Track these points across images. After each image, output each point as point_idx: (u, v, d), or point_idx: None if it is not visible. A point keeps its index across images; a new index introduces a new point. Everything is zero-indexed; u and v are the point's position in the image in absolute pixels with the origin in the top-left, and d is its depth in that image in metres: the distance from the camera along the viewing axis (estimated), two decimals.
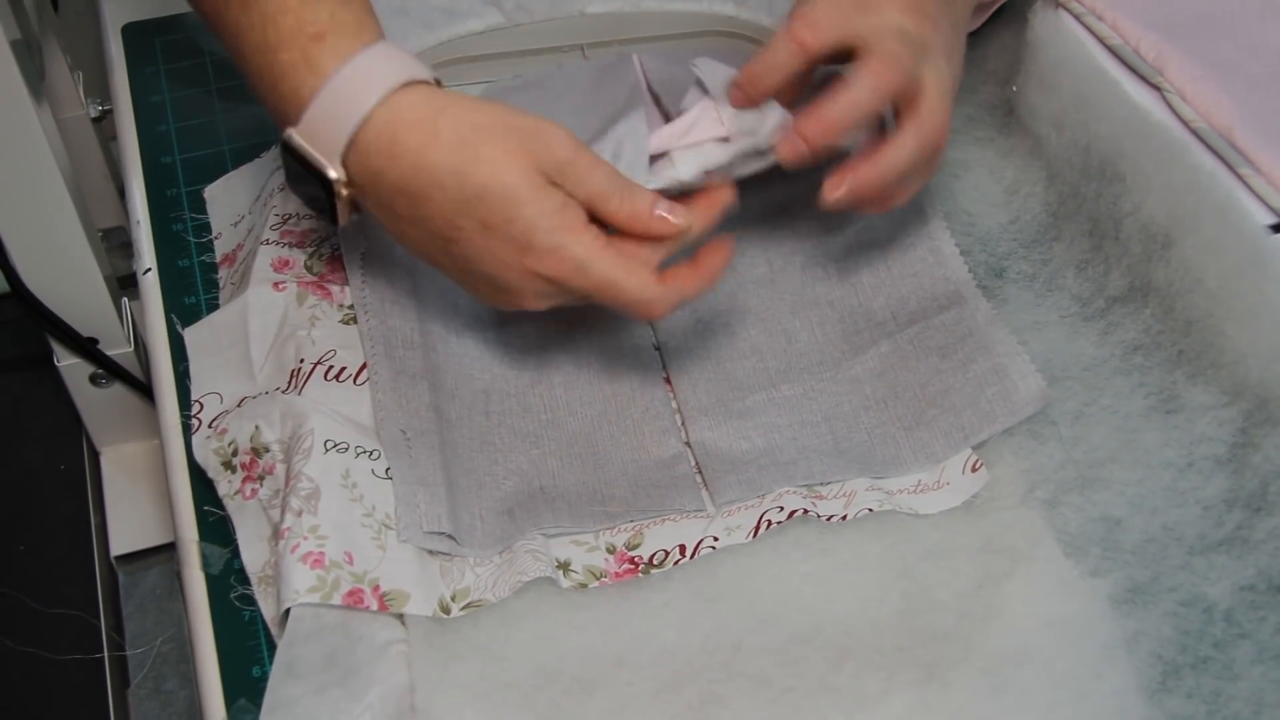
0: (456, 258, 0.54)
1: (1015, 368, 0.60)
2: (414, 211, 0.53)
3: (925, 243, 0.66)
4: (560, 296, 0.55)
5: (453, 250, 0.54)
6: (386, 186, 0.53)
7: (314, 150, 0.53)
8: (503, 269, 0.53)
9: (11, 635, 0.89)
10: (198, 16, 0.57)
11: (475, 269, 0.54)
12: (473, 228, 0.52)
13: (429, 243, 0.54)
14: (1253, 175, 0.60)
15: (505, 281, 0.54)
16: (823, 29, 0.56)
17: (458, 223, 0.52)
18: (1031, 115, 0.69)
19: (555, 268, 0.53)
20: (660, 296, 0.54)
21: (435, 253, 0.55)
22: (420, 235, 0.54)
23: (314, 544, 0.52)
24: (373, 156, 0.52)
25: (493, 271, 0.53)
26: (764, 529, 0.56)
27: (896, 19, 0.56)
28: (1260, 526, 0.54)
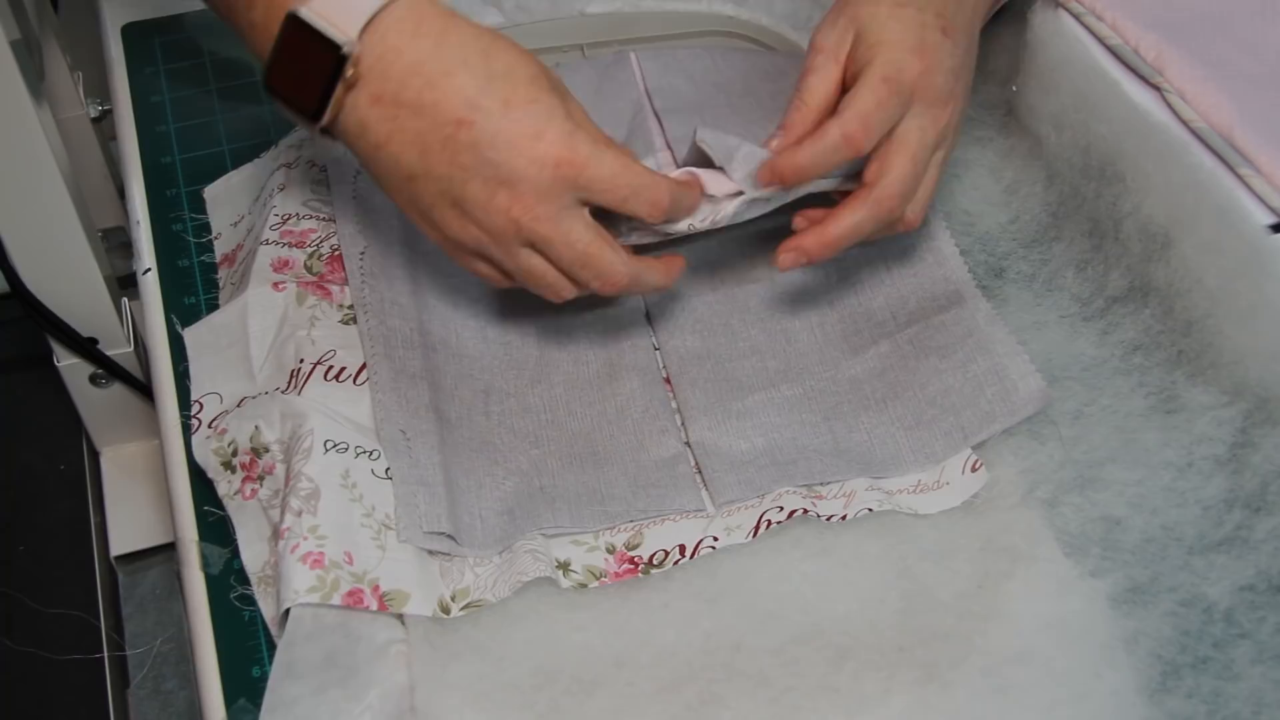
0: (459, 147, 0.52)
1: (1015, 368, 0.60)
2: (426, 95, 0.52)
3: (925, 243, 0.66)
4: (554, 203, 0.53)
5: (459, 136, 0.52)
6: (401, 67, 0.52)
7: (329, 24, 0.51)
8: (513, 154, 0.52)
9: (11, 635, 0.89)
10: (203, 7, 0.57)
11: (480, 157, 0.52)
12: (494, 106, 0.52)
13: (428, 134, 0.52)
14: (1252, 175, 0.60)
15: (511, 169, 0.52)
16: (875, 133, 0.57)
17: (480, 101, 0.52)
18: (1031, 115, 0.69)
19: (566, 154, 0.52)
20: (660, 183, 0.55)
21: (431, 147, 0.53)
22: (420, 126, 0.52)
23: (314, 544, 0.52)
24: (394, 34, 0.52)
25: (501, 158, 0.52)
26: (764, 529, 0.56)
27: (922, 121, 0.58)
28: (1260, 526, 0.54)
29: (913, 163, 0.58)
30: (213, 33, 0.80)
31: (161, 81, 0.77)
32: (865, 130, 0.56)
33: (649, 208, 0.55)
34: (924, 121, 0.58)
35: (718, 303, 0.66)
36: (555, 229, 0.54)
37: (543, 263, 0.56)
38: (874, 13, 0.58)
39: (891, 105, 0.57)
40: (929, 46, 0.58)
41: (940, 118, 0.59)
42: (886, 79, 0.57)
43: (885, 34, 0.57)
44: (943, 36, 0.58)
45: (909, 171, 0.58)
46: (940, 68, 0.58)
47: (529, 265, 0.55)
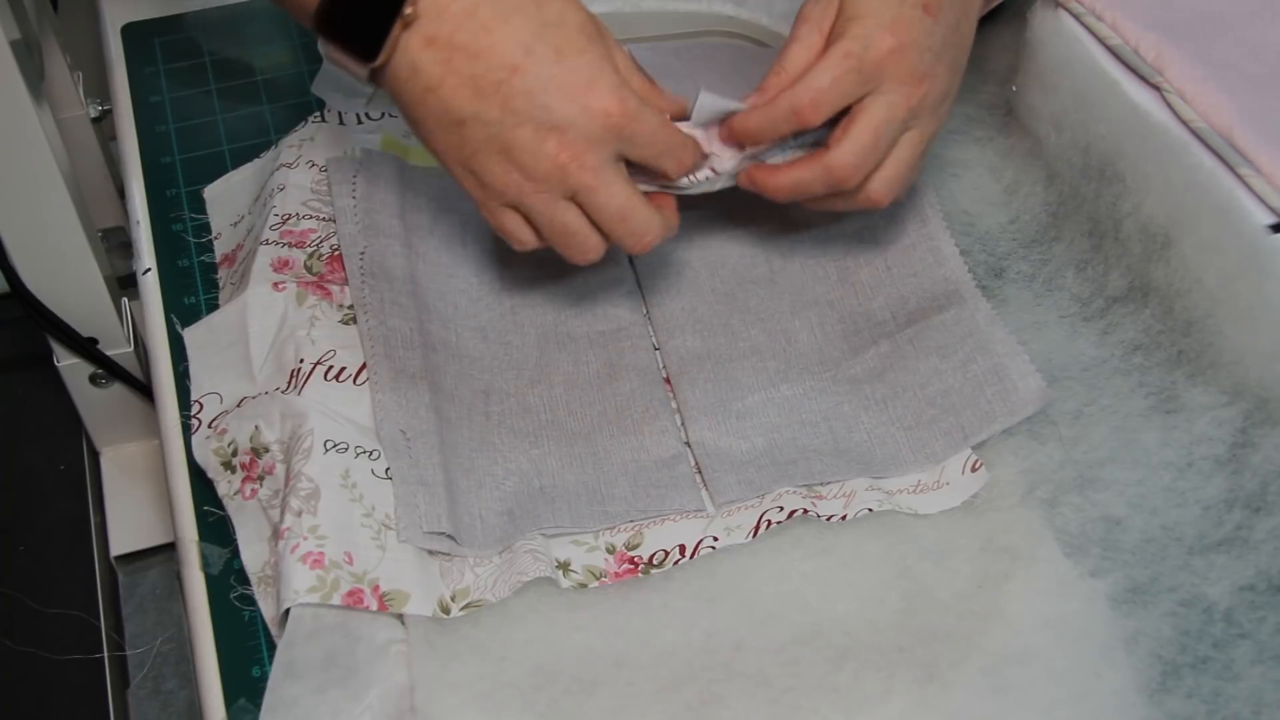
0: (512, 91, 0.53)
1: (1015, 368, 0.60)
2: (481, 39, 0.53)
3: (925, 243, 0.66)
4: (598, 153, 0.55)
5: (512, 81, 0.53)
6: (456, 10, 0.53)
7: None
8: (564, 101, 0.53)
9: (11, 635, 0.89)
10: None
11: (532, 102, 0.53)
12: (547, 53, 0.53)
13: (482, 78, 0.53)
14: (1252, 175, 0.60)
15: (562, 115, 0.53)
16: (826, 108, 0.57)
17: (534, 47, 0.53)
18: (1031, 115, 0.69)
19: (616, 105, 0.54)
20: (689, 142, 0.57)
21: (484, 90, 0.53)
22: (474, 69, 0.53)
23: (314, 544, 0.52)
24: None
25: (553, 103, 0.53)
26: (764, 529, 0.56)
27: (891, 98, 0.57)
28: (1260, 526, 0.54)
29: (873, 135, 0.57)
30: (213, 33, 0.80)
31: (161, 81, 0.77)
32: (814, 106, 0.57)
33: (675, 164, 0.57)
34: (893, 98, 0.57)
35: (718, 303, 0.66)
36: (599, 179, 0.55)
37: (579, 217, 0.57)
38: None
39: (848, 82, 0.57)
40: (904, 23, 0.57)
41: (912, 95, 0.58)
42: (848, 55, 0.56)
43: (863, 7, 0.57)
44: (923, 14, 0.58)
45: (867, 144, 0.58)
46: (915, 45, 0.57)
47: (565, 219, 0.56)
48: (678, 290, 0.66)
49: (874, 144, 0.58)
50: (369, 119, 0.72)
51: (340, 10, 0.53)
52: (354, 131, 0.70)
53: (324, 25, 0.54)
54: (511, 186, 0.56)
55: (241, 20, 0.81)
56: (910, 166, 0.60)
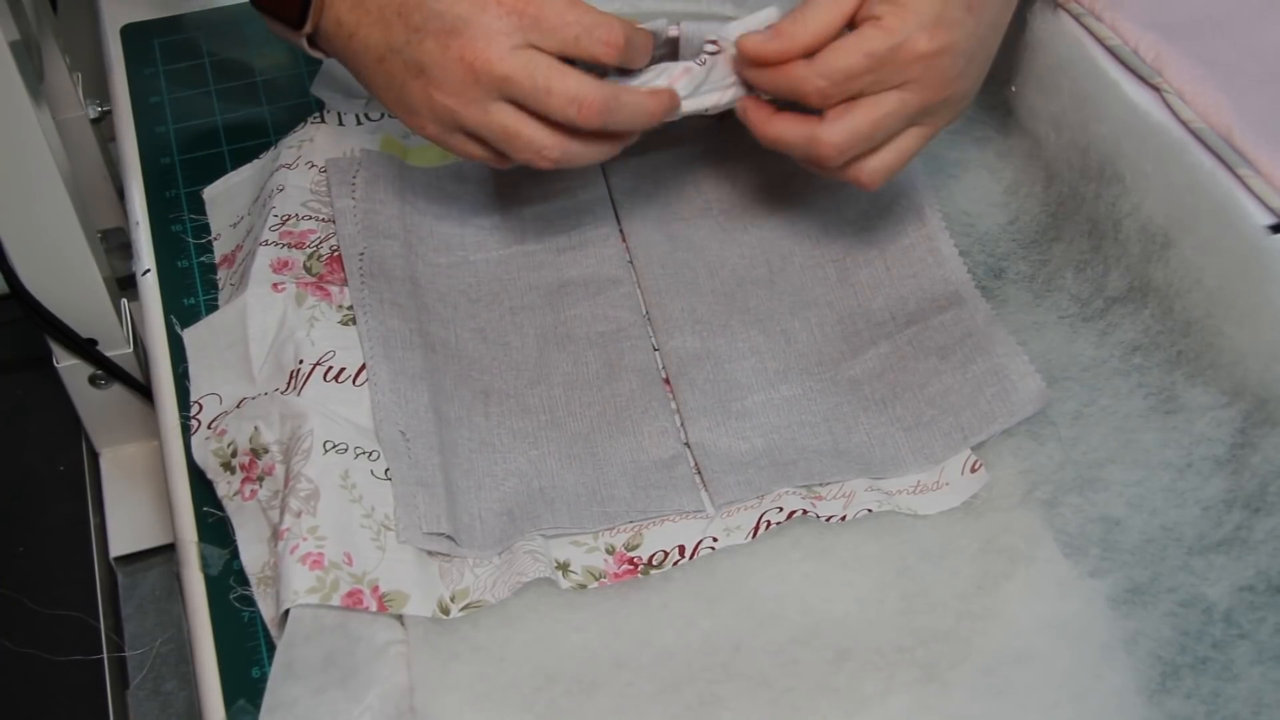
0: (409, 9, 0.53)
1: (1014, 368, 0.60)
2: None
3: (924, 243, 0.66)
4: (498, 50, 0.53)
5: (409, 1, 0.53)
6: None
7: None
8: (458, 1, 0.53)
9: (11, 636, 0.89)
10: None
11: (427, 12, 0.53)
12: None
13: (386, 7, 0.54)
14: (1251, 175, 0.60)
15: (455, 15, 0.53)
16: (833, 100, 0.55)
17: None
18: (1031, 116, 0.69)
19: (523, 4, 0.53)
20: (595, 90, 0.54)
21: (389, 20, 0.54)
22: (380, 4, 0.54)
23: (313, 545, 0.52)
24: None
25: (445, 7, 0.53)
26: (763, 529, 0.56)
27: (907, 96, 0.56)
28: (1259, 527, 0.54)
29: (871, 126, 0.55)
30: (212, 33, 0.80)
31: (161, 82, 0.77)
32: (820, 95, 0.55)
33: (603, 47, 0.54)
34: (909, 96, 0.55)
35: (717, 303, 0.66)
36: (511, 67, 0.54)
37: (515, 114, 0.55)
38: None
39: (866, 80, 0.54)
40: (945, 24, 0.54)
41: (931, 97, 0.56)
42: (871, 55, 0.54)
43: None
44: (966, 13, 0.55)
45: (864, 132, 0.56)
46: (951, 49, 0.54)
47: (503, 122, 0.55)
48: (677, 291, 0.66)
49: (869, 135, 0.56)
50: (368, 119, 0.72)
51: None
52: (353, 132, 0.70)
53: (258, 3, 0.56)
54: (439, 108, 0.55)
55: (241, 21, 0.81)
56: (908, 156, 0.58)
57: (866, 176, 0.58)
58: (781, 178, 0.70)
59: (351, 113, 0.72)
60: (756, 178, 0.70)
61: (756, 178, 0.70)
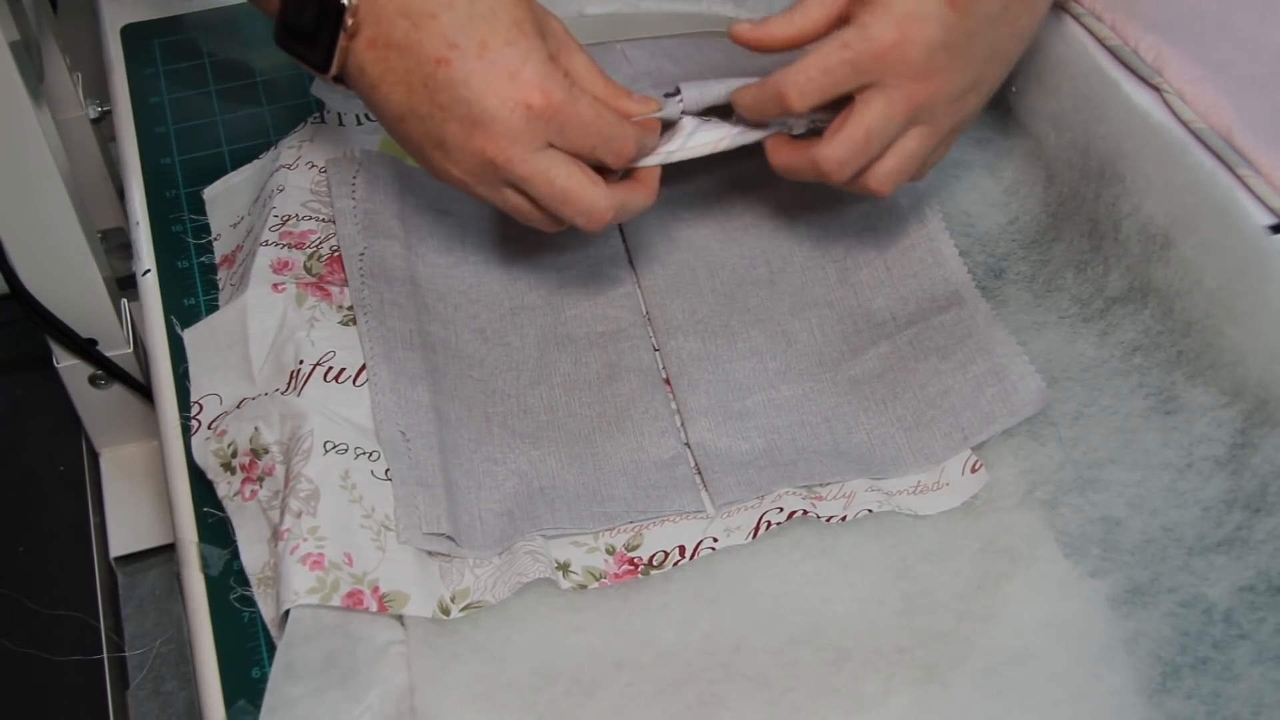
0: (437, 86, 0.54)
1: (1015, 368, 0.60)
2: (411, 35, 0.53)
3: (925, 244, 0.66)
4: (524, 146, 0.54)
5: (438, 75, 0.53)
6: (391, 9, 0.53)
7: None
8: (486, 94, 0.53)
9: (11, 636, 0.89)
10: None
11: (455, 96, 0.53)
12: (470, 46, 0.53)
13: (412, 73, 0.54)
14: (1252, 176, 0.60)
15: (483, 109, 0.53)
16: (812, 98, 0.56)
17: (457, 40, 0.53)
18: (1031, 116, 0.69)
19: (539, 98, 0.53)
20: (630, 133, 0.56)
21: (414, 86, 0.54)
22: (406, 65, 0.54)
23: (313, 545, 0.52)
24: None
25: (474, 97, 0.53)
26: (763, 530, 0.56)
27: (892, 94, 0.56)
28: (1259, 527, 0.54)
29: (864, 134, 0.56)
30: (212, 34, 0.80)
31: (161, 83, 0.77)
32: (800, 94, 0.56)
33: (614, 157, 0.56)
34: (894, 94, 0.55)
35: (717, 304, 0.66)
36: (531, 169, 0.55)
37: (525, 201, 0.57)
38: None
39: (840, 74, 0.55)
40: (916, 18, 0.55)
41: (917, 94, 0.56)
42: (846, 46, 0.55)
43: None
44: (943, 7, 0.55)
45: (857, 142, 0.56)
46: (923, 41, 0.55)
47: (514, 203, 0.57)
48: (677, 291, 0.66)
49: (865, 143, 0.56)
50: (368, 120, 0.72)
51: (293, 28, 0.55)
52: (353, 132, 0.70)
53: (282, 41, 0.56)
54: (454, 179, 0.56)
55: (241, 21, 0.81)
56: (917, 158, 0.59)
57: (876, 184, 0.59)
58: (781, 179, 0.70)
59: (351, 113, 0.72)
60: (757, 179, 0.70)
61: (757, 179, 0.70)
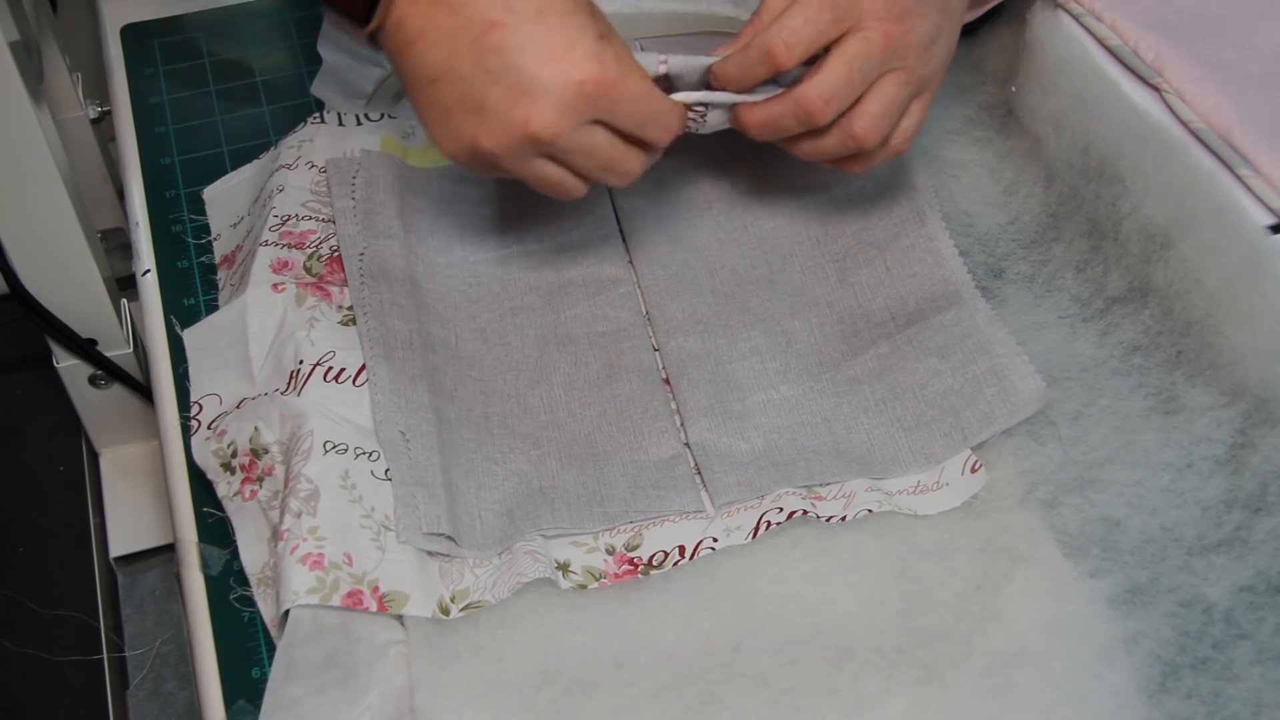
0: (486, 48, 0.52)
1: (1014, 368, 0.60)
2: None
3: (924, 243, 0.66)
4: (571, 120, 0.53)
5: (489, 37, 0.52)
6: None
7: None
8: (540, 63, 0.52)
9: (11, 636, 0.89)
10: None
11: (505, 62, 0.52)
12: (528, 11, 0.52)
13: (460, 32, 0.52)
14: (1252, 176, 0.60)
15: (534, 78, 0.52)
16: (799, 49, 0.56)
17: (514, 5, 0.52)
18: (1030, 116, 0.69)
19: (595, 73, 0.52)
20: (674, 109, 0.56)
21: (460, 45, 0.53)
22: (455, 23, 0.52)
23: (313, 545, 0.52)
24: None
25: (526, 64, 0.52)
26: (763, 530, 0.56)
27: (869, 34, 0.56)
28: (1259, 527, 0.54)
29: (845, 70, 0.56)
30: (212, 34, 0.80)
31: (160, 83, 0.77)
32: (787, 47, 0.56)
33: (662, 132, 0.56)
34: (871, 34, 0.56)
35: (717, 304, 0.66)
36: (574, 142, 0.54)
37: (557, 170, 0.56)
38: None
39: (822, 21, 0.55)
40: (904, 9, 0.56)
41: (892, 33, 0.56)
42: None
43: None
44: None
45: (840, 78, 0.56)
46: (922, 16, 0.56)
47: (542, 173, 0.56)
48: (677, 291, 0.66)
49: (847, 79, 0.56)
50: (368, 120, 0.72)
51: None
52: (353, 133, 0.70)
53: None
54: (480, 150, 0.55)
55: (241, 21, 0.81)
56: (897, 105, 0.58)
57: (861, 130, 0.58)
58: (781, 178, 0.70)
59: (351, 113, 0.72)
60: (756, 178, 0.70)
61: (756, 178, 0.70)
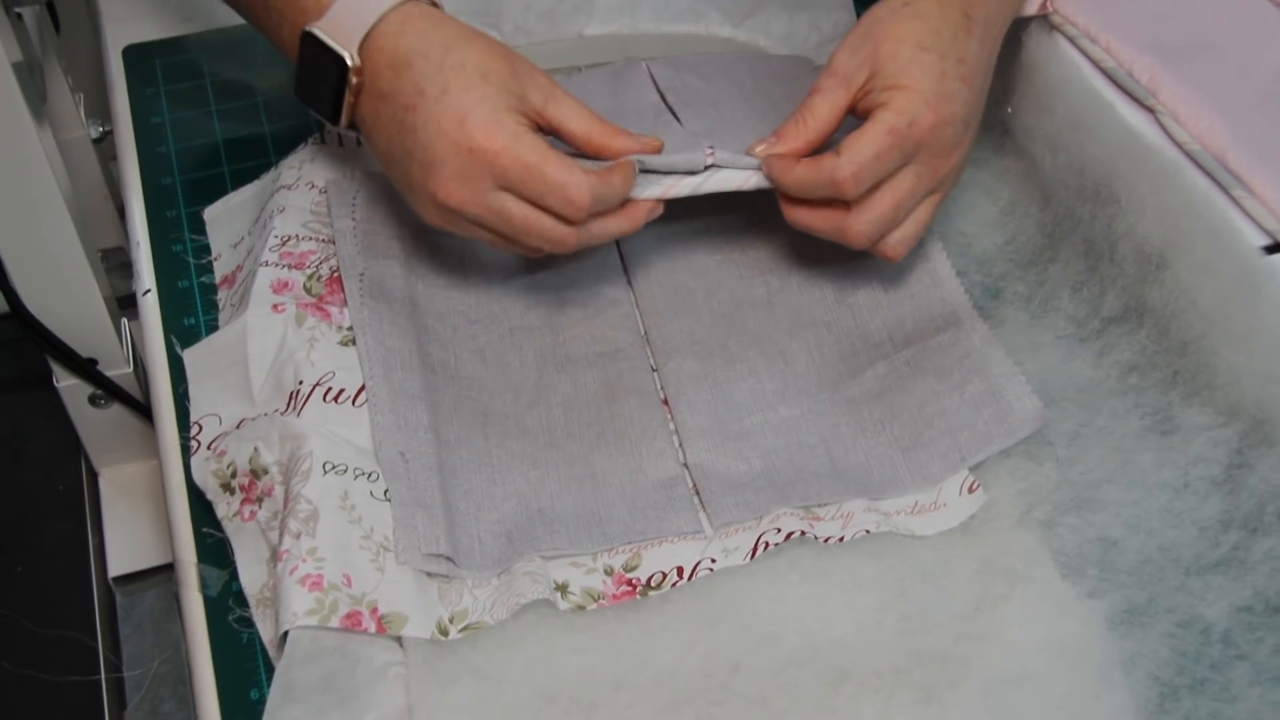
0: (405, 130, 0.56)
1: (1012, 389, 0.60)
2: (392, 84, 0.57)
3: (922, 264, 0.67)
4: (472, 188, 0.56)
5: (406, 120, 0.56)
6: (382, 63, 0.57)
7: (334, 40, 0.58)
8: (437, 137, 0.55)
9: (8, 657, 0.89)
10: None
11: (415, 140, 0.56)
12: (433, 92, 0.56)
13: (391, 120, 0.57)
14: (1246, 197, 0.60)
15: (434, 152, 0.55)
16: (866, 184, 0.58)
17: (424, 87, 0.56)
18: (1027, 137, 0.69)
19: (483, 140, 0.55)
20: (582, 183, 0.56)
21: (392, 131, 0.57)
22: (388, 111, 0.57)
23: (312, 566, 0.52)
24: (383, 38, 0.57)
25: (428, 140, 0.56)
26: (761, 550, 0.56)
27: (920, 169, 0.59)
28: (1256, 547, 0.54)
29: (894, 208, 0.59)
30: (213, 55, 0.81)
31: (162, 103, 0.77)
32: (855, 181, 0.57)
33: (566, 206, 0.56)
34: (922, 170, 0.59)
35: (715, 325, 0.66)
36: (485, 207, 0.57)
37: (490, 234, 0.59)
38: (895, 52, 0.58)
39: (891, 158, 0.57)
40: (946, 97, 0.57)
41: (941, 167, 0.59)
42: (894, 131, 0.57)
43: (904, 78, 0.57)
44: (961, 84, 0.58)
45: (888, 215, 0.59)
46: (953, 119, 0.58)
47: (484, 237, 0.59)
48: (676, 312, 0.66)
49: (893, 216, 0.59)
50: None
51: (306, 82, 0.60)
52: (353, 154, 0.71)
53: (299, 94, 0.61)
54: (430, 220, 0.59)
55: (242, 42, 0.82)
56: (926, 225, 0.61)
57: (892, 251, 0.61)
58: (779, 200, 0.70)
59: (352, 134, 0.72)
60: (755, 200, 0.70)
61: (755, 200, 0.70)
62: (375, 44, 0.57)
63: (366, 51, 0.57)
